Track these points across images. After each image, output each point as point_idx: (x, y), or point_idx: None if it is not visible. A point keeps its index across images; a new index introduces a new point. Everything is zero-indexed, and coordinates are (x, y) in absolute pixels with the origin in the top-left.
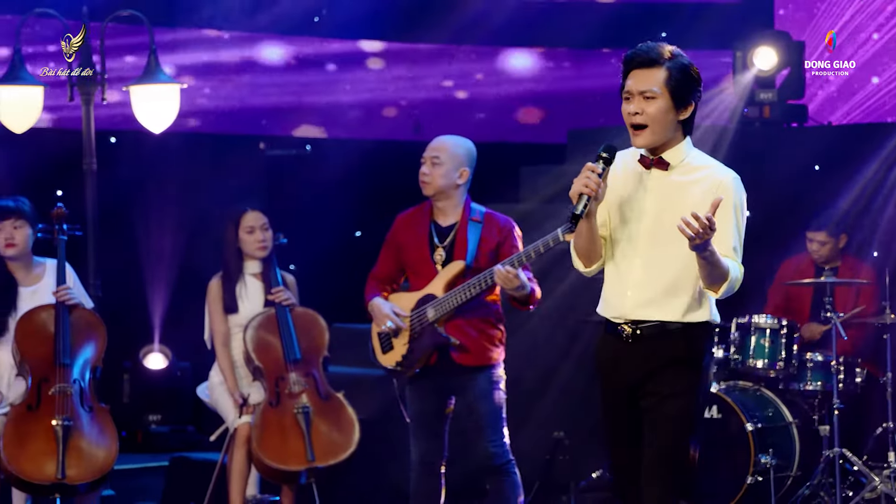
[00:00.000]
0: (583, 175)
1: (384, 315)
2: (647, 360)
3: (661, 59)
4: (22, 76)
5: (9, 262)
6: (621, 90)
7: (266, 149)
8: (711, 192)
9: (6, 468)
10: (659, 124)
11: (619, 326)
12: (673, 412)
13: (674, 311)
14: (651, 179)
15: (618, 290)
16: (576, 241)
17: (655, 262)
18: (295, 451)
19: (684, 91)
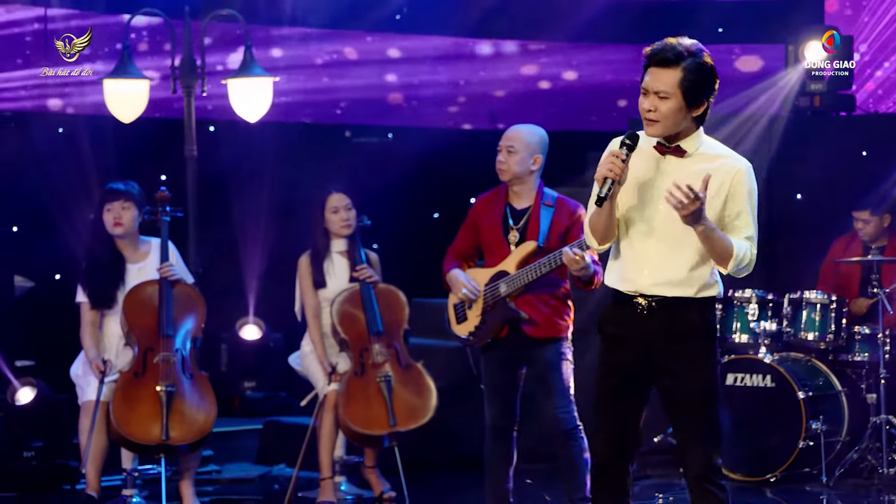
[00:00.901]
0: (608, 160)
1: (461, 284)
2: (660, 331)
3: (678, 60)
4: (130, 70)
5: (117, 241)
6: (640, 82)
7: (351, 136)
8: (728, 180)
9: (116, 430)
10: (670, 120)
11: (634, 299)
12: (698, 386)
13: (688, 288)
14: (668, 165)
15: (634, 267)
16: (594, 221)
17: (672, 243)
18: (378, 416)
19: (697, 91)
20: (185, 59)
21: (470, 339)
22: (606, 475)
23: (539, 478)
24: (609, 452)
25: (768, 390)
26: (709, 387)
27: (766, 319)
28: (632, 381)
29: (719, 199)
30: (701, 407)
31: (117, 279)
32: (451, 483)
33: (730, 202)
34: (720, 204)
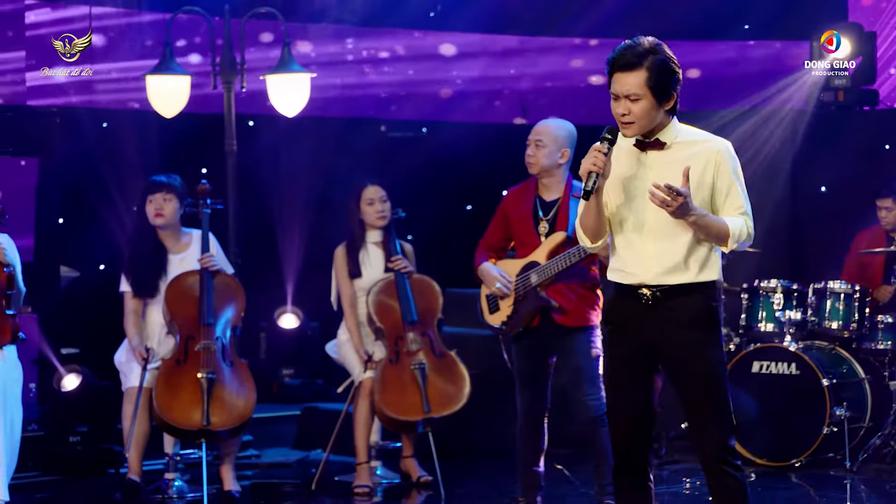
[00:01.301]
0: (590, 155)
1: (493, 277)
2: (665, 318)
3: (640, 61)
4: (171, 67)
5: (160, 232)
6: (608, 88)
7: (386, 131)
8: (711, 162)
9: (158, 416)
10: (645, 120)
11: (638, 290)
12: (705, 371)
13: (688, 274)
14: (650, 158)
15: (634, 261)
16: (583, 219)
17: (666, 232)
18: (413, 403)
19: (664, 86)
20: (224, 55)
21: (503, 329)
22: (625, 461)
23: (569, 462)
24: (624, 440)
25: (793, 378)
26: (715, 371)
27: (791, 309)
28: (639, 371)
29: (706, 182)
30: (709, 392)
31: (159, 269)
32: (483, 468)
33: (717, 182)
34: (708, 186)
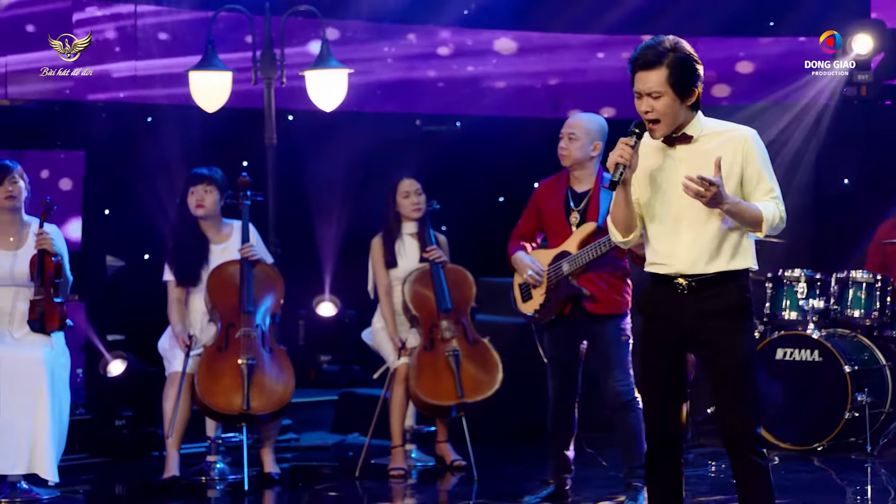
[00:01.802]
0: (618, 148)
1: (526, 266)
2: (701, 307)
3: (661, 59)
4: (213, 63)
5: (202, 223)
6: (632, 87)
7: (421, 125)
8: (739, 151)
9: (200, 401)
10: (669, 117)
11: (673, 280)
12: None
13: (721, 262)
14: (679, 152)
15: (669, 252)
16: (613, 212)
17: (699, 224)
18: (447, 388)
19: (686, 83)
20: (265, 52)
21: (535, 317)
22: (659, 446)
23: (598, 446)
24: (658, 425)
25: (816, 364)
26: (745, 361)
27: (815, 297)
28: (673, 359)
29: (735, 171)
30: (739, 380)
31: (201, 259)
32: (515, 452)
33: (747, 169)
34: (737, 174)
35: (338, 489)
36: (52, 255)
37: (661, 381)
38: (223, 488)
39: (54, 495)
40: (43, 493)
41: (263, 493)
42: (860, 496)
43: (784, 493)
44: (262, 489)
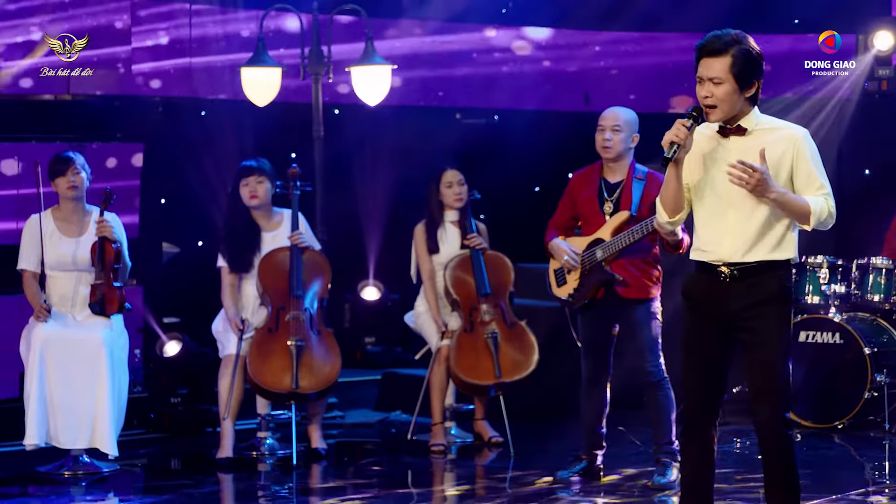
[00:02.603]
0: (674, 127)
1: (562, 252)
2: (743, 296)
3: (726, 48)
4: (264, 59)
5: (253, 212)
6: (696, 73)
7: (461, 118)
8: (791, 149)
9: (252, 380)
10: (727, 104)
11: (717, 268)
12: (772, 348)
13: (764, 252)
14: (731, 143)
15: (714, 239)
16: (663, 191)
17: (746, 213)
18: (485, 368)
19: (747, 74)
20: (312, 49)
21: (569, 300)
22: (694, 429)
23: (629, 424)
24: (696, 409)
25: (837, 346)
26: (781, 349)
27: (836, 283)
28: (715, 344)
29: (785, 167)
30: (774, 368)
31: (253, 246)
32: (550, 429)
33: (797, 166)
34: (787, 170)
35: (381, 464)
36: (112, 242)
37: (702, 367)
38: (273, 462)
39: (114, 468)
40: (103, 466)
41: (311, 467)
42: (878, 471)
43: (806, 467)
44: (310, 463)
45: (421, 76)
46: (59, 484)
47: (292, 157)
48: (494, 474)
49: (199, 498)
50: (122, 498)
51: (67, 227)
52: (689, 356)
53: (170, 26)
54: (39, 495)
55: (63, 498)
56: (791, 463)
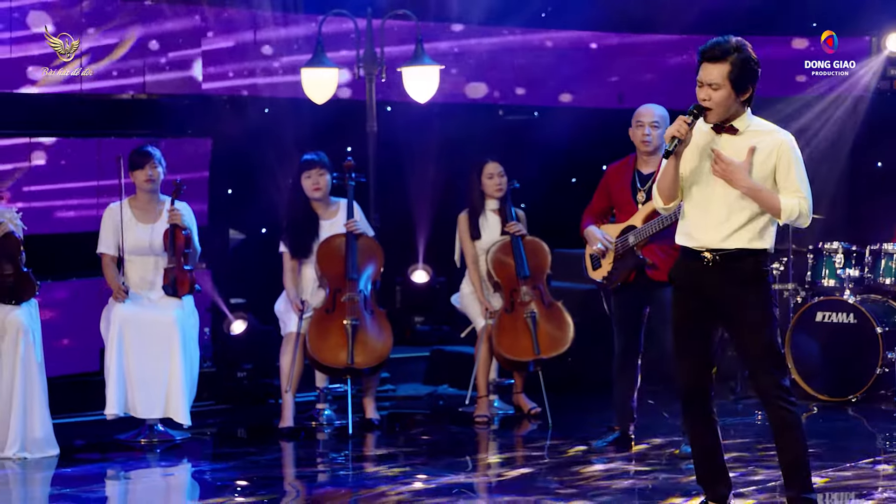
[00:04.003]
0: (677, 122)
1: (596, 238)
2: (724, 279)
3: (725, 56)
4: (322, 60)
5: (312, 202)
6: (696, 75)
7: (504, 115)
8: (774, 152)
9: (311, 356)
10: (722, 107)
11: (701, 254)
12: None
13: (744, 240)
14: (723, 140)
15: (701, 226)
16: (660, 180)
17: (730, 205)
18: (525, 346)
19: (743, 80)
20: (367, 50)
21: (603, 283)
22: (692, 401)
23: (658, 398)
24: (691, 382)
25: (851, 326)
26: (765, 323)
27: (851, 267)
28: (701, 322)
29: (768, 166)
30: (761, 339)
31: (312, 233)
32: (585, 402)
33: (779, 168)
34: (770, 170)
35: (430, 433)
36: (182, 229)
37: (691, 344)
38: (330, 432)
39: (185, 436)
40: (176, 434)
41: (365, 436)
42: (888, 441)
43: (822, 438)
44: (364, 433)
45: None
46: (136, 450)
47: (348, 151)
48: (533, 443)
49: (263, 464)
50: (193, 463)
51: (143, 215)
52: (678, 336)
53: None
54: (118, 461)
55: (140, 463)
56: (798, 430)
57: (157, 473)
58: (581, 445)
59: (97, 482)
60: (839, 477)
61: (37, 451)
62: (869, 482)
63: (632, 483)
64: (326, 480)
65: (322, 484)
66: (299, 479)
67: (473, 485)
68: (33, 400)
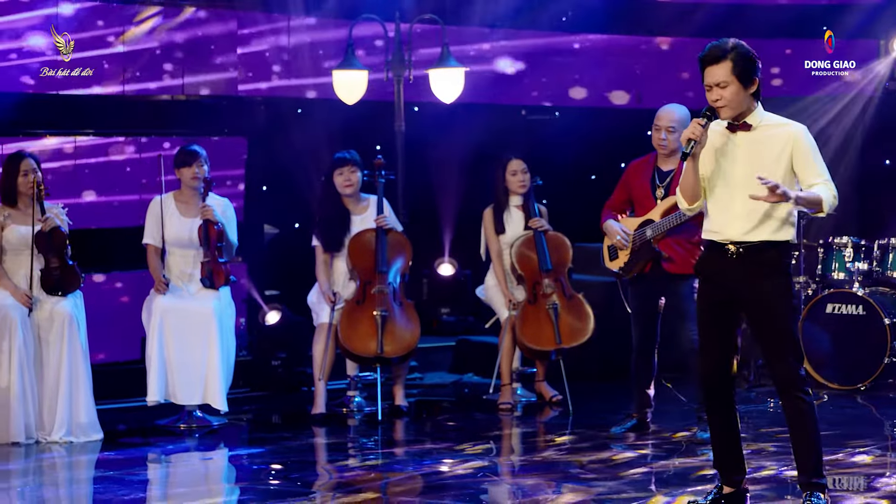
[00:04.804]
0: (691, 126)
1: (615, 231)
2: (747, 270)
3: (725, 54)
4: (352, 63)
5: (344, 198)
6: (703, 82)
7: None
8: (789, 143)
9: (342, 345)
10: (735, 102)
11: (725, 246)
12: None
13: (767, 233)
14: (738, 138)
15: (724, 221)
16: (682, 182)
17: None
18: (547, 335)
19: (748, 72)
20: (395, 53)
21: (620, 273)
22: (714, 390)
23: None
24: (713, 369)
25: (860, 317)
26: (786, 315)
27: (860, 260)
28: (724, 313)
29: (785, 158)
30: (780, 331)
31: (343, 228)
32: (604, 390)
33: (796, 158)
34: (787, 161)
35: (455, 419)
36: (215, 224)
37: (715, 333)
38: (360, 418)
39: (223, 422)
40: (214, 420)
41: (394, 422)
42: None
43: (832, 425)
44: (393, 419)
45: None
46: (175, 435)
47: (377, 150)
48: (555, 430)
49: (297, 448)
50: (230, 448)
51: (187, 209)
52: (703, 327)
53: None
54: (159, 445)
55: (179, 447)
56: (812, 418)
57: (195, 457)
58: (600, 431)
59: (139, 465)
60: (849, 462)
61: (82, 436)
62: (877, 467)
63: (649, 467)
64: (357, 465)
65: (353, 467)
66: (331, 462)
67: (497, 468)
68: (79, 386)
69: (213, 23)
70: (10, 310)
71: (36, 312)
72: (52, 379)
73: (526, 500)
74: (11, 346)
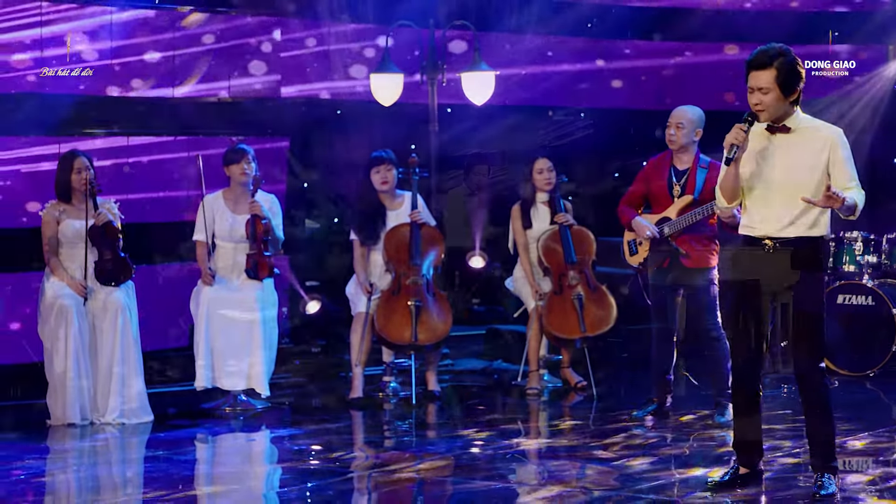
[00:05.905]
0: (733, 131)
1: (645, 227)
2: (783, 264)
3: (771, 62)
4: (389, 67)
5: (380, 195)
6: (746, 83)
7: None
8: (826, 145)
9: (378, 333)
10: (773, 108)
11: (762, 241)
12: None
13: (801, 230)
14: (777, 139)
15: (761, 219)
16: (723, 183)
17: (787, 198)
18: (572, 324)
19: (790, 83)
20: (429, 57)
21: (640, 267)
22: (744, 379)
23: (691, 371)
24: (745, 362)
25: (869, 307)
26: (816, 309)
27: (869, 254)
28: (757, 306)
29: (821, 160)
30: (809, 325)
31: (380, 223)
32: (626, 376)
33: (833, 162)
34: (823, 163)
35: (485, 403)
36: (262, 219)
37: (747, 326)
38: (395, 402)
39: (265, 406)
40: (257, 403)
41: (427, 406)
42: None
43: (842, 409)
44: (426, 403)
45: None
46: (221, 418)
47: (412, 149)
48: (579, 413)
49: (335, 430)
50: (272, 430)
51: (235, 205)
52: (735, 319)
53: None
54: (206, 427)
55: (224, 429)
56: (827, 406)
57: (240, 438)
58: (623, 415)
59: (187, 445)
60: (858, 445)
61: (133, 418)
62: (886, 449)
63: (669, 449)
64: (392, 446)
65: (388, 449)
66: (368, 444)
67: (525, 450)
68: (130, 371)
69: (258, 29)
70: (66, 299)
71: (90, 302)
72: (105, 364)
73: (552, 479)
74: (67, 334)
